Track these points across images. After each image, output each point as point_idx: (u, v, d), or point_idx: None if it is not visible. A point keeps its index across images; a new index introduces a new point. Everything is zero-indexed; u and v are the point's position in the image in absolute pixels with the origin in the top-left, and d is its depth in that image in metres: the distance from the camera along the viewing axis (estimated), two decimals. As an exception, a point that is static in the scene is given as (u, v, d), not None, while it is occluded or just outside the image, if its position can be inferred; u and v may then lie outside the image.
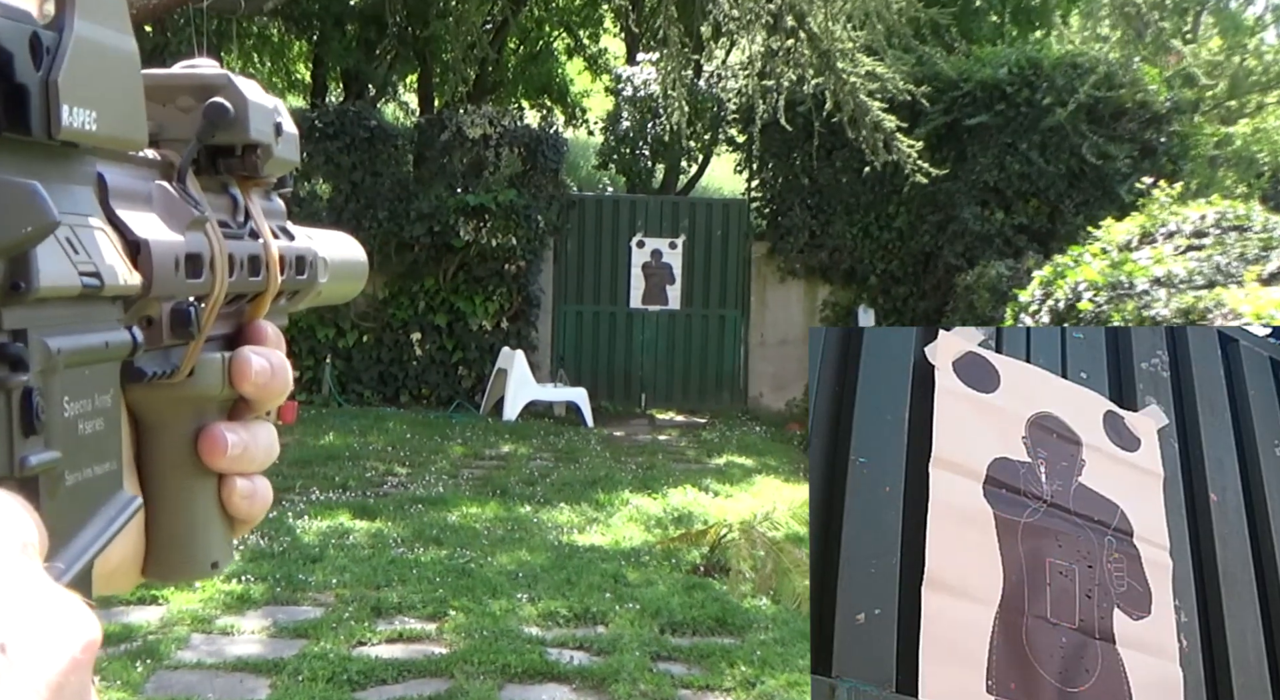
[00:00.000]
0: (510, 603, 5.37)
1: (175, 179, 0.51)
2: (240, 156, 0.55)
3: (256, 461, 0.56)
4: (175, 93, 0.53)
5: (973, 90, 11.37)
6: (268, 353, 0.56)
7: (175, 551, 0.54)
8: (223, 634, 4.89)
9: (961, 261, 11.28)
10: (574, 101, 18.05)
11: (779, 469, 8.98)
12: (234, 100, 0.54)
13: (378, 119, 12.07)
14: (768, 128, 11.38)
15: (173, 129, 0.53)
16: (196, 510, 0.54)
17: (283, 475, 8.02)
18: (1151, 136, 11.41)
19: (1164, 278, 6.14)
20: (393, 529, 6.70)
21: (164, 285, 0.47)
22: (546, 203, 11.93)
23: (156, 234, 0.47)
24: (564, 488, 8.04)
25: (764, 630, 5.08)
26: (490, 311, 11.81)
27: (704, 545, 6.17)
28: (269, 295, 0.58)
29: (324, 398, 11.50)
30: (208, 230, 0.52)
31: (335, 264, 0.67)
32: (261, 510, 0.57)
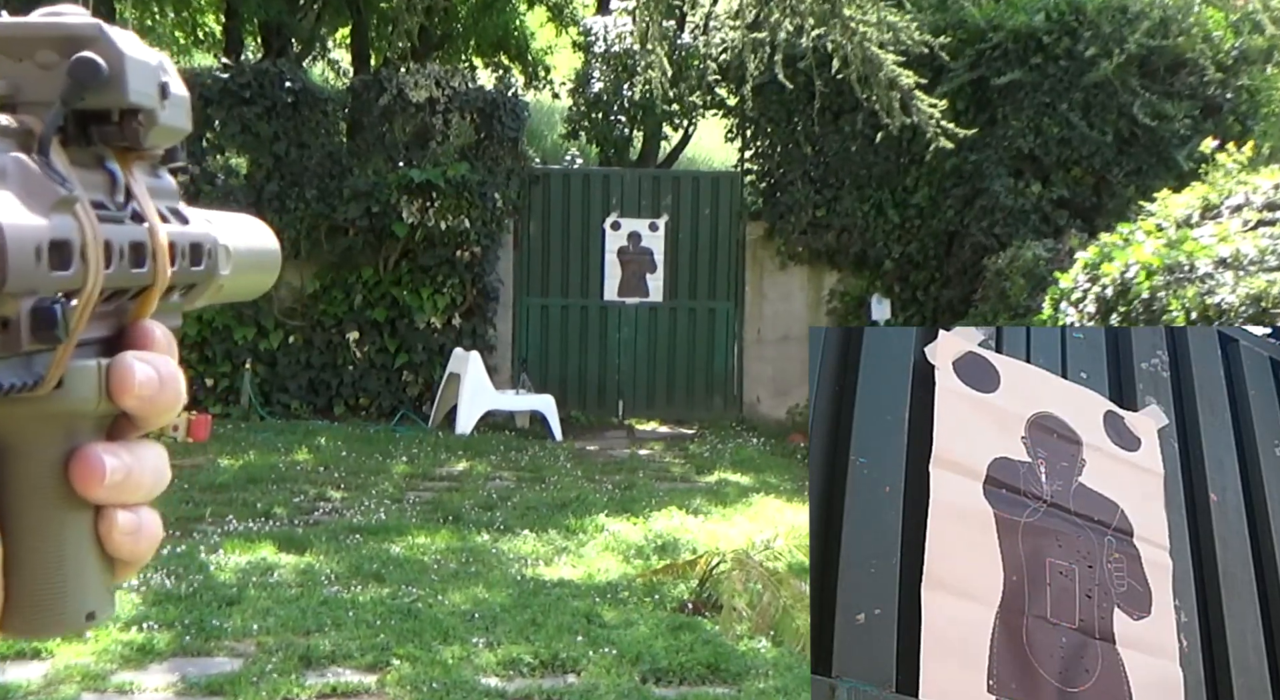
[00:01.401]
0: (465, 649, 5.33)
1: (36, 150, 0.50)
2: (117, 124, 0.54)
3: (142, 490, 0.55)
4: (34, 46, 0.52)
5: (1003, 41, 11.39)
6: (155, 359, 0.55)
7: (41, 600, 0.53)
8: (120, 693, 4.82)
9: (992, 242, 11.30)
10: (535, 59, 18.02)
11: (779, 488, 8.98)
12: (107, 55, 0.52)
13: (303, 80, 12.00)
14: (763, 88, 11.38)
15: (32, 90, 0.52)
16: (67, 550, 0.53)
17: (193, 501, 7.96)
18: (1215, 92, 11.46)
19: (1230, 258, 6.14)
20: (325, 563, 6.66)
21: (21, 279, 0.46)
22: (505, 178, 11.90)
23: (11, 217, 0.46)
24: (528, 512, 8.02)
25: (763, 677, 5.07)
26: (440, 306, 11.77)
27: (692, 578, 6.16)
28: (156, 290, 0.56)
29: (243, 410, 11.44)
30: (78, 211, 0.50)
31: (239, 253, 0.66)
32: (149, 549, 0.56)
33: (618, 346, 12.48)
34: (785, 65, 10.49)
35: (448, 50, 16.32)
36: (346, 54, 17.20)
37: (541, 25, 18.42)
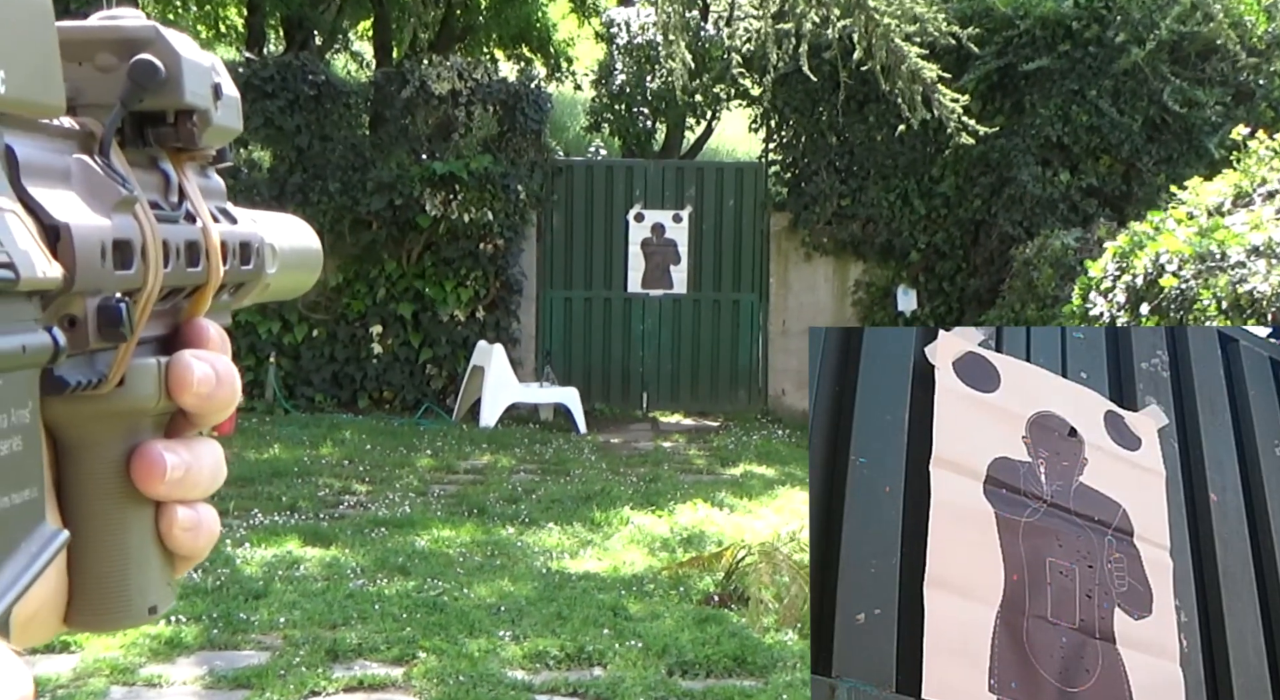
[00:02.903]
0: (490, 642, 5.34)
1: (97, 152, 0.51)
2: (173, 125, 0.55)
3: (201, 486, 0.56)
4: (94, 49, 0.53)
5: (1031, 29, 11.32)
6: (211, 357, 0.56)
7: (106, 594, 0.54)
8: (149, 686, 4.84)
9: (1019, 231, 11.24)
10: (558, 51, 18.02)
11: (805, 480, 8.91)
12: (164, 57, 0.53)
13: (326, 73, 12.03)
14: (788, 78, 11.35)
15: (92, 92, 0.52)
16: (131, 545, 0.54)
17: (219, 496, 7.92)
18: (1248, 78, 11.36)
19: (1264, 247, 6.09)
20: (350, 557, 6.68)
21: (89, 277, 0.47)
22: (528, 170, 11.90)
23: (78, 217, 0.47)
24: (552, 505, 8.03)
25: (790, 670, 5.06)
26: (463, 299, 11.78)
27: (718, 571, 6.16)
28: (210, 288, 0.57)
29: (268, 404, 11.48)
30: (138, 212, 0.51)
31: (285, 252, 0.68)
32: (208, 544, 0.57)
33: (642, 339, 12.47)
34: (811, 55, 10.46)
35: (470, 42, 16.33)
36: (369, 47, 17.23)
37: (564, 17, 18.42)
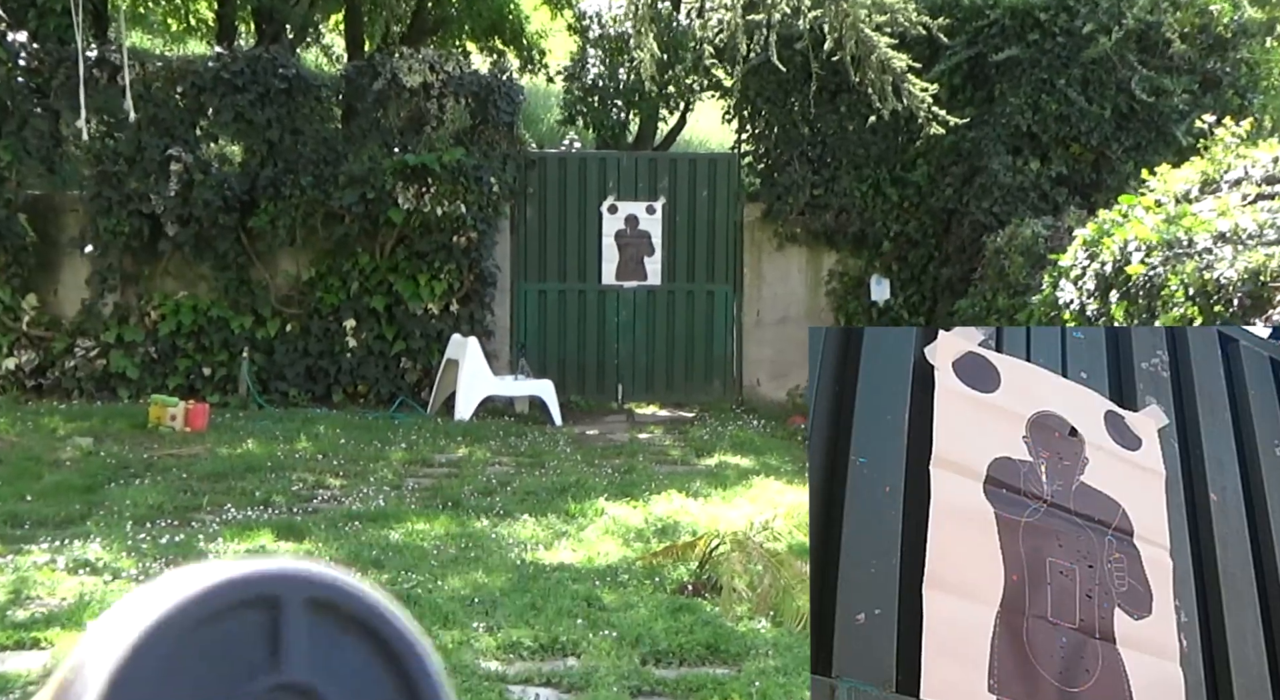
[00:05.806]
0: (465, 633, 5.34)
1: None
2: None
3: None
4: None
5: (1000, 19, 11.36)
6: None
7: None
8: (120, 679, 4.82)
9: (991, 220, 11.28)
10: (530, 43, 17.96)
11: (780, 470, 8.97)
12: None
13: (297, 67, 11.97)
14: (759, 69, 11.34)
15: None
16: None
17: (191, 490, 7.97)
18: (1214, 66, 11.42)
19: (1230, 233, 6.13)
20: (324, 550, 6.66)
21: None
22: (501, 163, 11.87)
23: None
24: (527, 497, 8.02)
25: (763, 657, 5.07)
26: (437, 293, 11.75)
27: (692, 560, 6.17)
28: None
29: (241, 398, 11.42)
30: None
31: None
32: None
33: (616, 330, 12.46)
34: (782, 46, 10.46)
35: (442, 34, 16.27)
36: (340, 39, 17.14)
37: (536, 8, 18.35)
